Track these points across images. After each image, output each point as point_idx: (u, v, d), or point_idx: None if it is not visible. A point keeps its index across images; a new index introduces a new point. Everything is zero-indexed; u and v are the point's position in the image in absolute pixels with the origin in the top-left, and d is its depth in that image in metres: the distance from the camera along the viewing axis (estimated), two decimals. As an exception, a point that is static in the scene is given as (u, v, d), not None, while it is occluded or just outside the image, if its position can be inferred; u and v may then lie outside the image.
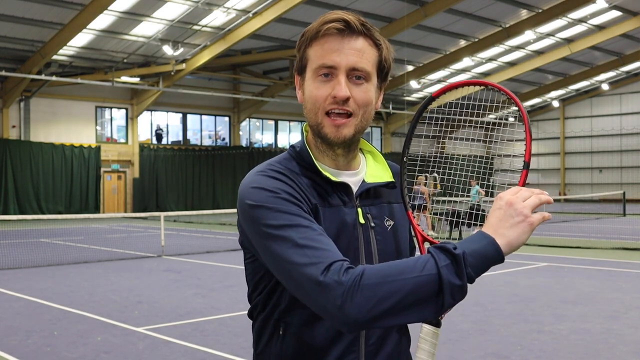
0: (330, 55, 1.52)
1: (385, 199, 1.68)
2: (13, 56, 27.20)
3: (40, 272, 12.35)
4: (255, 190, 1.49)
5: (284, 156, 1.63)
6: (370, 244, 1.60)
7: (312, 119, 1.56)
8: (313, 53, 1.55)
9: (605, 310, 8.47)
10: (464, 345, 6.71)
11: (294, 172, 1.56)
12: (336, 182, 1.58)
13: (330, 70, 1.52)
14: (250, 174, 1.56)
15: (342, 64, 1.52)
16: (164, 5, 24.01)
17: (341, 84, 1.51)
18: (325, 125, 1.54)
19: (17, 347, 6.82)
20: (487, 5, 28.35)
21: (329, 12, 1.57)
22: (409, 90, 39.54)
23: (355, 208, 1.60)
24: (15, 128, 29.70)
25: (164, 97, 33.23)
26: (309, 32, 1.56)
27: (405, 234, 1.71)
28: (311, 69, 1.55)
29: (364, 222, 1.60)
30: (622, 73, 43.27)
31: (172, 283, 11.01)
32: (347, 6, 26.29)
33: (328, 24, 1.53)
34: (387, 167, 1.72)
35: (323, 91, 1.53)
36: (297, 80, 1.63)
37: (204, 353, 6.52)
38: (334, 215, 1.55)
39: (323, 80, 1.53)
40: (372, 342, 1.59)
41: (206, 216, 28.87)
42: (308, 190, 1.54)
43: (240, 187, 1.54)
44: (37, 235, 20.38)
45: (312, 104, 1.54)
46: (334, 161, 1.61)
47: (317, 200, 1.54)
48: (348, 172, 1.63)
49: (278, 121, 40.26)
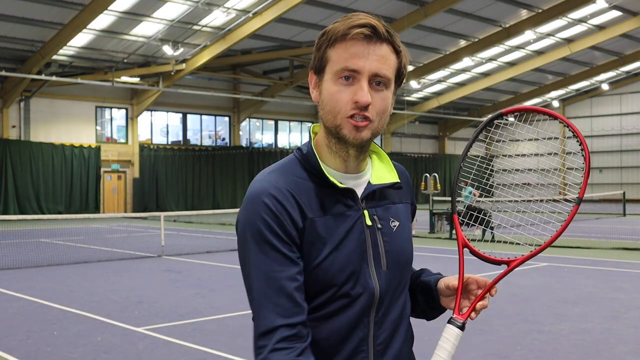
0: (354, 59, 1.51)
1: (390, 200, 1.68)
2: (13, 56, 27.21)
3: (40, 272, 12.36)
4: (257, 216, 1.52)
5: (291, 160, 1.63)
6: (378, 245, 1.61)
7: (331, 121, 1.56)
8: (336, 55, 1.53)
9: (605, 310, 8.47)
10: (464, 345, 6.70)
11: (300, 178, 1.58)
12: (340, 188, 1.58)
13: (352, 74, 1.52)
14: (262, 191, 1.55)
15: (365, 69, 1.52)
16: (164, 5, 24.01)
17: (364, 89, 1.51)
18: (345, 127, 1.54)
19: (17, 347, 6.82)
20: (487, 5, 28.35)
21: (355, 15, 1.55)
22: (409, 90, 39.54)
23: (362, 211, 1.61)
24: (15, 128, 29.70)
25: (164, 97, 33.23)
26: (333, 32, 1.54)
27: (409, 234, 1.71)
28: (332, 70, 1.54)
29: (371, 224, 1.61)
30: (622, 73, 43.28)
31: (172, 283, 11.02)
32: (347, 6, 26.29)
33: (356, 28, 1.51)
34: (392, 167, 1.72)
35: (345, 95, 1.53)
36: (312, 79, 1.61)
37: (204, 353, 6.52)
38: (337, 222, 1.57)
39: (344, 83, 1.53)
40: (380, 341, 1.60)
41: (206, 216, 28.87)
42: (310, 204, 1.55)
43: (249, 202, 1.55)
44: (37, 235, 20.38)
45: (333, 106, 1.54)
46: (344, 162, 1.61)
47: (317, 213, 1.55)
48: (355, 175, 1.64)
49: (278, 121, 40.26)
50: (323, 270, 1.53)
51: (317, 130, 1.67)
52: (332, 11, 26.21)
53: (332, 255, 1.53)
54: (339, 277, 1.53)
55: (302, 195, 1.55)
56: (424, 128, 48.56)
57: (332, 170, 1.61)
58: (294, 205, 1.54)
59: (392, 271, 1.61)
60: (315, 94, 1.61)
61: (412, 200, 1.78)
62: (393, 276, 1.61)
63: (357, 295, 1.55)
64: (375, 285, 1.57)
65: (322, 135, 1.62)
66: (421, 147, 48.73)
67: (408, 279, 1.70)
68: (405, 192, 1.74)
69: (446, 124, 48.94)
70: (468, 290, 1.66)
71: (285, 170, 1.59)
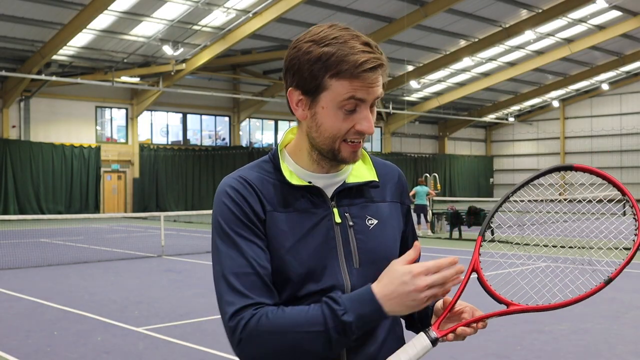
0: (360, 91, 1.51)
1: (368, 198, 1.68)
2: (13, 56, 27.20)
3: (40, 272, 12.36)
4: (222, 204, 1.59)
5: (264, 158, 1.68)
6: (350, 243, 1.61)
7: (328, 145, 1.57)
8: (341, 87, 1.51)
9: (605, 310, 8.47)
10: (464, 345, 6.70)
11: (267, 173, 1.63)
12: (304, 186, 1.61)
13: (357, 104, 1.53)
14: (225, 183, 1.62)
15: (369, 99, 1.53)
16: (164, 5, 24.01)
17: (368, 119, 1.54)
18: (343, 151, 1.57)
19: (17, 347, 6.82)
20: (487, 5, 28.36)
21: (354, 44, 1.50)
22: (409, 90, 39.55)
23: (331, 209, 1.61)
24: (15, 128, 29.70)
25: (164, 97, 33.23)
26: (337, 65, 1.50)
27: (395, 234, 1.70)
28: (334, 99, 1.52)
29: (341, 222, 1.61)
30: (622, 73, 43.28)
31: (172, 283, 11.02)
32: (347, 6, 26.30)
33: (369, 72, 1.50)
34: (371, 167, 1.72)
35: (347, 124, 1.54)
36: (295, 96, 1.58)
37: (204, 353, 6.53)
38: (300, 218, 1.58)
39: (347, 113, 1.53)
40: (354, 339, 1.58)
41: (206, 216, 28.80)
42: (271, 197, 1.59)
43: (215, 194, 1.63)
44: (37, 235, 20.37)
45: (334, 134, 1.55)
46: (323, 168, 1.63)
47: (278, 207, 1.58)
48: (329, 174, 1.64)
49: (278, 121, 40.26)
50: (285, 262, 1.54)
51: (295, 132, 1.67)
52: (332, 11, 26.21)
53: (293, 248, 1.55)
54: (299, 270, 1.54)
55: (265, 189, 1.60)
56: (424, 128, 48.55)
57: (303, 171, 1.63)
58: (254, 196, 1.58)
59: (367, 269, 1.60)
60: (302, 113, 1.58)
61: (403, 199, 1.76)
62: (369, 273, 1.59)
63: (328, 289, 1.54)
64: (346, 282, 1.57)
65: (304, 142, 1.62)
66: (421, 147, 48.73)
67: None
68: (391, 192, 1.73)
69: (446, 124, 48.93)
70: (461, 317, 1.62)
71: (254, 166, 1.66)
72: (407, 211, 1.79)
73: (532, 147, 51.26)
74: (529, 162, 50.57)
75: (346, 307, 1.44)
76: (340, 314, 1.43)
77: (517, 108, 48.68)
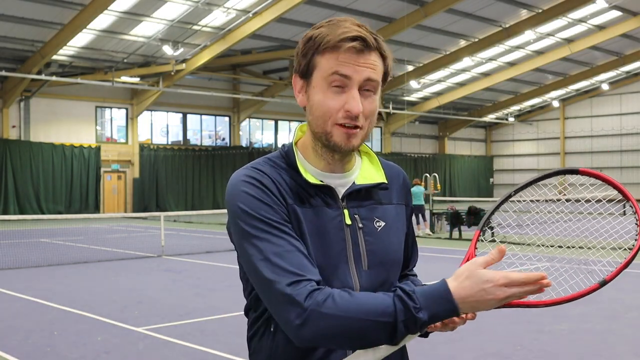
0: (345, 67, 1.52)
1: (376, 200, 1.68)
2: (13, 56, 27.20)
3: (40, 272, 12.36)
4: (242, 193, 1.53)
5: (276, 154, 1.66)
6: (359, 245, 1.60)
7: (320, 127, 1.56)
8: (326, 62, 1.53)
9: (605, 310, 8.47)
10: (464, 345, 6.70)
11: (280, 168, 1.60)
12: (318, 185, 1.59)
13: (343, 81, 1.52)
14: (239, 173, 1.58)
15: (356, 78, 1.52)
16: (164, 5, 24.01)
17: (355, 99, 1.52)
18: (335, 135, 1.55)
19: (17, 347, 6.82)
20: (487, 5, 28.35)
21: (342, 22, 1.54)
22: (409, 90, 39.54)
23: (341, 209, 1.61)
24: (15, 128, 29.70)
25: (164, 97, 33.23)
26: (322, 41, 1.52)
27: (400, 236, 1.70)
28: (322, 76, 1.54)
29: (351, 223, 1.61)
30: (622, 73, 43.27)
31: (172, 283, 11.02)
32: (347, 6, 26.30)
33: (347, 42, 1.50)
34: (380, 168, 1.72)
35: (335, 102, 1.53)
36: (297, 83, 1.61)
37: (204, 353, 6.53)
38: (315, 215, 1.57)
39: (335, 90, 1.53)
40: None
41: (206, 216, 28.84)
42: (287, 191, 1.56)
43: (230, 186, 1.57)
44: (37, 235, 20.37)
45: (323, 112, 1.54)
46: (329, 164, 1.62)
47: (295, 201, 1.56)
48: (338, 175, 1.64)
49: (278, 121, 40.26)
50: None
51: (304, 130, 1.67)
52: (332, 11, 26.20)
53: (310, 243, 1.54)
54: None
55: (282, 181, 1.58)
56: (424, 128, 48.55)
57: (314, 169, 1.62)
58: (274, 185, 1.56)
59: (376, 271, 1.61)
60: (301, 98, 1.61)
61: (408, 202, 1.77)
62: (376, 276, 1.60)
63: None
64: (355, 284, 1.57)
65: (309, 137, 1.63)
66: (421, 147, 48.72)
67: (395, 279, 1.68)
68: (397, 194, 1.73)
69: (446, 124, 48.93)
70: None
71: (266, 161, 1.63)
72: (410, 213, 1.80)
73: (532, 147, 51.25)
74: (529, 162, 50.56)
75: (421, 304, 1.40)
76: (415, 311, 1.39)
77: (517, 108, 48.67)
